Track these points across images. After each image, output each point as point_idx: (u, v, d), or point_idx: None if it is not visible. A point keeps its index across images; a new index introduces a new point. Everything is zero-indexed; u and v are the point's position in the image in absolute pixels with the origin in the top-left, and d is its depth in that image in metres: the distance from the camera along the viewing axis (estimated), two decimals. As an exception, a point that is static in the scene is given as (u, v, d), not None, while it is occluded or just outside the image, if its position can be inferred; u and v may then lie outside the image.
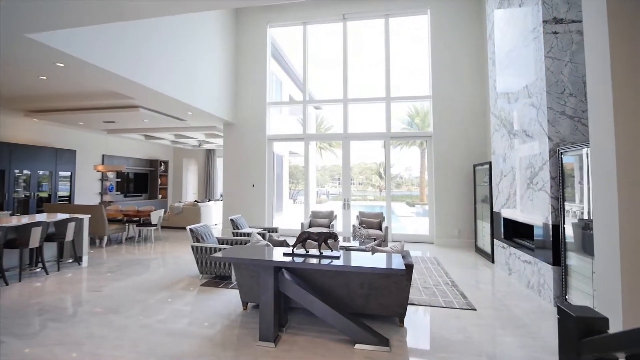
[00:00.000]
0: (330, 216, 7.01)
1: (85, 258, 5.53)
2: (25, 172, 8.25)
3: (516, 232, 4.92)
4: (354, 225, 6.29)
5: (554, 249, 3.66)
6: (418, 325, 3.17)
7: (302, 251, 3.00)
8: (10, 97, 6.08)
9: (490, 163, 5.66)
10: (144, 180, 12.92)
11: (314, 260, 2.77)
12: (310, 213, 7.24)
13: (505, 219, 5.05)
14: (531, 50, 4.13)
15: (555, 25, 3.81)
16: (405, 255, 3.22)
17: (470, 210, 6.91)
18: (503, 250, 5.09)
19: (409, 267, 2.95)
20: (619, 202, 1.99)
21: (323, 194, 28.16)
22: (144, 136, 11.12)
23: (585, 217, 3.21)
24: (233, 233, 5.77)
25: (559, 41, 3.79)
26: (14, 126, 8.08)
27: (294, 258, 2.84)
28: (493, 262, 5.56)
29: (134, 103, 6.41)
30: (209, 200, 10.59)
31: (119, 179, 11.63)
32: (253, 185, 8.14)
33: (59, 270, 5.03)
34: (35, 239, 4.65)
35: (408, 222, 13.44)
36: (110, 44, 4.45)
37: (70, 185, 9.44)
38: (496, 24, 5.39)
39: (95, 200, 10.68)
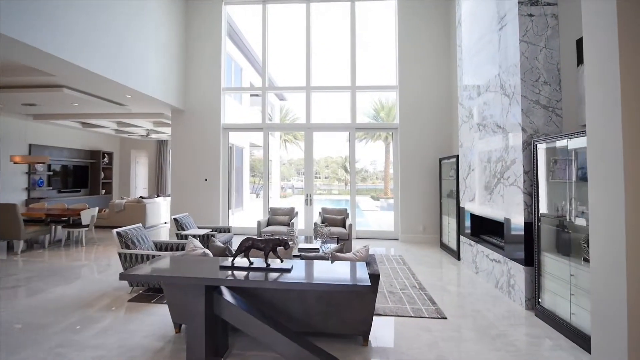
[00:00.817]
0: (291, 213, 6.46)
1: (-14, 269, 4.51)
2: None
3: (484, 229, 4.70)
4: (315, 224, 5.79)
5: (527, 249, 3.41)
6: (385, 343, 2.73)
7: (245, 262, 2.42)
8: None
9: (457, 156, 5.41)
10: (83, 174, 11.46)
11: (259, 275, 2.21)
12: (268, 210, 6.62)
13: (472, 215, 4.82)
14: (505, 35, 3.83)
15: (531, 7, 3.52)
16: (370, 262, 2.76)
17: (436, 205, 6.70)
18: (470, 248, 4.86)
19: (375, 278, 2.49)
20: (625, 202, 1.65)
21: (289, 188, 27.53)
22: (80, 124, 9.76)
23: (563, 215, 2.95)
24: (177, 235, 5.01)
25: (534, 24, 3.51)
26: None
27: (234, 273, 2.26)
28: (459, 259, 5.35)
29: (56, 82, 5.34)
30: (158, 196, 9.54)
31: (51, 173, 10.16)
32: (206, 180, 7.34)
33: (-56, 286, 4.00)
34: None
35: (373, 216, 13.25)
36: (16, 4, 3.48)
37: (-16, 180, 7.97)
38: (466, 9, 5.09)
39: (21, 197, 9.21)
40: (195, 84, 7.37)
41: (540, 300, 3.22)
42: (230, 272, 2.26)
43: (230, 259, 2.44)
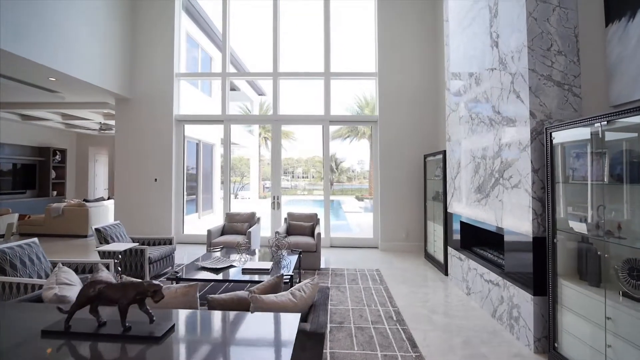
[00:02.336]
0: (251, 220, 5.48)
1: None
2: None
3: (477, 240, 3.86)
4: (277, 232, 4.84)
5: (536, 272, 2.55)
6: None
7: (88, 321, 1.44)
8: None
9: (444, 152, 4.56)
10: (30, 174, 10.17)
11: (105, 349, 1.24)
12: (225, 216, 5.62)
13: (463, 223, 3.96)
14: (504, -7, 2.97)
15: (540, -49, 2.67)
16: (317, 307, 1.84)
17: (420, 209, 5.85)
18: (459, 263, 4.01)
19: (318, 339, 1.57)
20: None
21: (266, 187, 26.45)
22: (19, 116, 8.51)
23: (589, 229, 2.10)
24: (99, 253, 3.95)
25: (544, -26, 2.66)
26: None
27: (70, 342, 1.29)
28: (447, 274, 4.50)
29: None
30: (108, 199, 8.40)
31: (-14, 172, 8.87)
32: (155, 180, 6.29)
33: None
34: None
35: (355, 218, 12.38)
36: None
37: None
38: (454, -26, 4.23)
39: (-56, 201, 7.91)
40: (144, 68, 6.30)
41: (556, 344, 2.36)
42: (62, 341, 1.30)
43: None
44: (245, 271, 3.36)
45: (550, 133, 2.40)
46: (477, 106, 3.57)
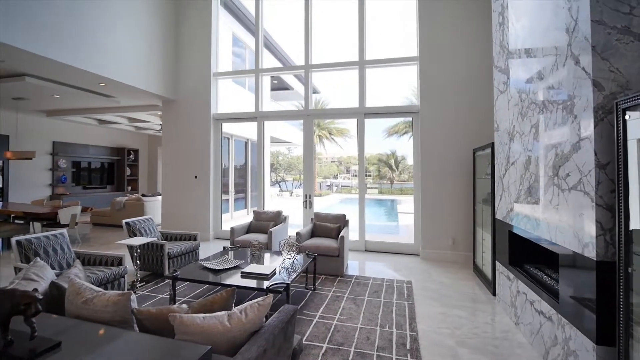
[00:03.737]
0: (277, 219, 5.27)
1: None
2: None
3: (531, 255, 3.02)
4: (297, 233, 4.54)
5: (601, 311, 1.78)
6: None
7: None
8: None
9: (492, 145, 3.72)
10: (109, 171, 11.64)
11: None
12: (253, 214, 5.51)
13: (511, 234, 3.15)
14: None
15: None
16: (259, 336, 1.46)
17: (469, 213, 4.98)
18: (508, 282, 3.20)
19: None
20: None
21: (327, 186, 26.42)
22: (97, 121, 9.73)
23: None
24: (130, 249, 4.10)
25: None
26: None
27: None
28: (494, 294, 3.67)
29: (15, 70, 4.87)
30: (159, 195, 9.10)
31: (75, 169, 10.37)
32: (195, 177, 6.51)
33: None
34: None
35: (408, 220, 11.44)
36: None
37: (3, 177, 8.18)
38: None
39: (45, 193, 9.46)
40: (185, 70, 6.57)
41: (629, 423, 1.59)
42: None
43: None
44: (244, 275, 3.13)
45: (624, 111, 1.62)
46: (526, 82, 2.75)
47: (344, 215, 4.99)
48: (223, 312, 1.52)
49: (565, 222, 2.11)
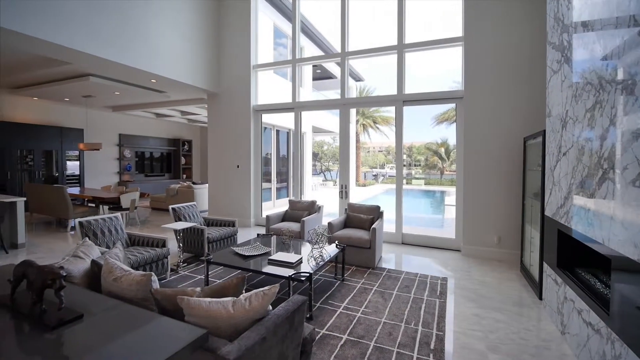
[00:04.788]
0: (311, 208, 5.31)
1: (24, 244, 4.92)
2: (28, 151, 8.23)
3: (582, 258, 2.67)
4: (329, 223, 4.54)
5: (656, 330, 1.51)
6: None
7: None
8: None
9: (544, 133, 3.31)
10: (167, 160, 12.70)
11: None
12: (288, 203, 5.62)
13: (561, 233, 2.80)
14: None
15: None
16: (261, 324, 1.49)
17: (517, 208, 4.54)
18: (555, 287, 2.88)
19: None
20: None
21: (373, 175, 25.99)
22: (154, 115, 10.63)
23: None
24: (175, 233, 4.47)
25: None
26: (16, 105, 8.02)
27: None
28: (541, 298, 3.33)
29: (80, 71, 5.48)
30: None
31: (138, 159, 11.50)
32: (238, 167, 6.82)
33: (-26, 259, 4.43)
34: None
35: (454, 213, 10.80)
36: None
37: (80, 165, 9.37)
38: None
39: (114, 180, 10.66)
40: (228, 64, 6.83)
41: None
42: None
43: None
44: (270, 262, 3.22)
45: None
46: (582, 60, 2.38)
47: (378, 207, 4.87)
48: (229, 298, 1.58)
49: (620, 223, 1.81)
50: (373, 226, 4.29)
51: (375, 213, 4.81)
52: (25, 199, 5.11)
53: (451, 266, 4.45)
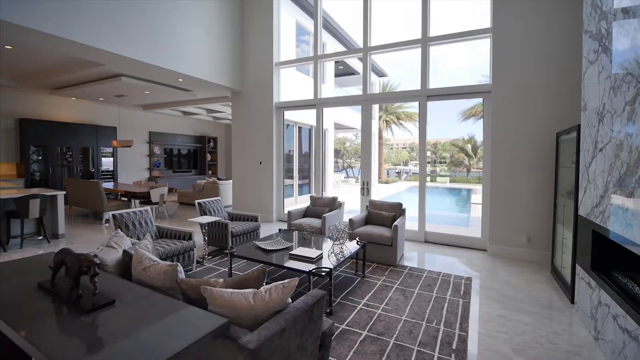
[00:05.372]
0: (332, 204, 5.33)
1: (64, 235, 5.28)
2: (67, 148, 8.79)
3: (619, 261, 2.51)
4: (350, 219, 4.53)
5: (702, 339, 1.40)
6: None
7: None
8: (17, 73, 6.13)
9: (578, 127, 3.13)
10: (193, 157, 13.13)
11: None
12: (310, 199, 5.66)
13: (596, 234, 2.64)
14: None
15: None
16: (280, 316, 1.52)
17: (549, 207, 4.32)
18: (588, 290, 2.73)
19: (247, 356, 1.28)
20: None
21: (396, 172, 25.59)
22: (181, 113, 11.00)
23: None
24: (200, 226, 4.62)
25: None
26: (56, 105, 8.58)
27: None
28: (573, 301, 3.17)
29: (113, 72, 5.77)
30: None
31: (166, 155, 11.96)
32: (260, 163, 6.95)
33: (21, 247, 4.80)
34: (-15, 216, 4.41)
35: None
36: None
37: (114, 161, 9.89)
38: None
39: (144, 175, 11.18)
40: (251, 62, 6.94)
41: None
42: (41, 293, 1.50)
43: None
44: (291, 256, 3.27)
45: None
46: (622, 48, 2.22)
47: (400, 204, 4.80)
48: (250, 289, 1.62)
49: (662, 223, 1.69)
50: (395, 223, 4.24)
51: (397, 210, 4.75)
52: (64, 192, 5.47)
53: (476, 266, 4.32)
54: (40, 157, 8.26)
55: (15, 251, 4.65)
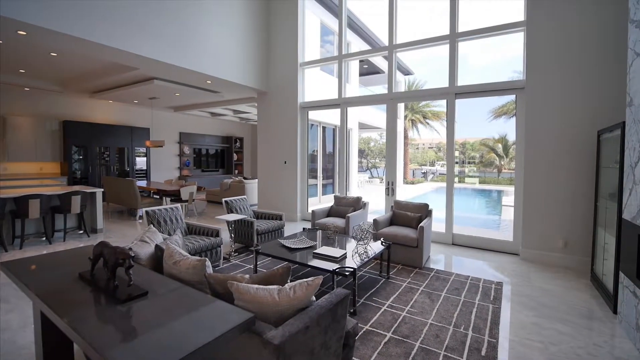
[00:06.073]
0: (356, 204, 5.29)
1: (102, 229, 5.62)
2: (105, 148, 9.33)
3: (670, 270, 2.31)
4: (375, 220, 4.48)
5: None
6: None
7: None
8: (61, 79, 6.58)
9: (623, 125, 2.91)
10: (220, 156, 13.51)
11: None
12: (334, 199, 5.65)
13: (643, 239, 2.45)
14: None
15: None
16: (305, 313, 1.53)
17: (588, 210, 4.05)
18: (633, 300, 2.53)
19: (272, 351, 1.30)
20: None
21: (422, 173, 25.01)
22: (209, 114, 11.35)
23: None
24: (227, 224, 4.74)
25: None
26: (95, 108, 9.13)
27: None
28: (615, 311, 2.95)
29: (147, 75, 6.05)
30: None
31: (195, 155, 12.39)
32: (285, 162, 7.03)
33: (64, 240, 5.15)
34: (34, 211, 4.76)
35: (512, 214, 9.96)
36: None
37: (147, 160, 10.38)
38: None
39: (174, 174, 11.64)
40: (276, 63, 7.04)
41: None
42: (82, 283, 1.60)
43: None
44: (315, 255, 3.28)
45: None
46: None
47: (427, 205, 4.68)
48: (275, 286, 1.64)
49: None
50: (421, 224, 4.14)
51: (424, 211, 4.64)
52: (102, 190, 5.80)
53: (508, 271, 4.13)
54: (80, 157, 8.82)
55: (60, 244, 4.99)
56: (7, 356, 2.22)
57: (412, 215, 4.60)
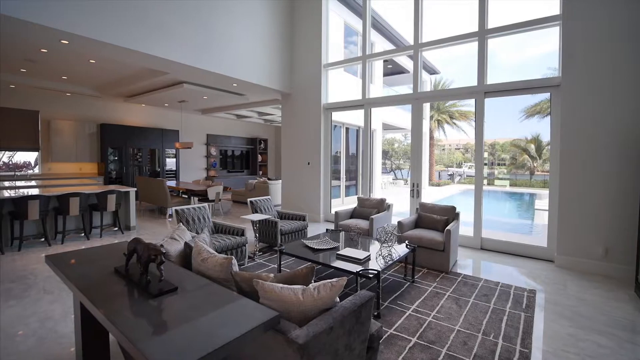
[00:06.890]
0: (380, 206, 5.22)
1: (135, 227, 5.91)
2: (138, 149, 9.80)
3: None
4: (399, 222, 4.40)
5: None
6: None
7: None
8: (99, 84, 7.00)
9: (674, 123, 2.68)
10: (245, 158, 13.81)
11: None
12: (357, 200, 5.61)
13: (698, 247, 2.24)
14: None
15: None
16: (329, 314, 1.53)
17: (633, 216, 3.77)
18: (687, 314, 2.32)
19: (296, 350, 1.31)
20: None
21: (448, 175, 24.30)
22: (235, 116, 11.63)
23: None
24: (252, 223, 4.83)
25: None
26: (129, 111, 9.62)
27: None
28: (665, 326, 2.72)
29: (176, 79, 6.30)
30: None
31: (221, 156, 12.74)
32: (308, 164, 7.07)
33: (101, 236, 5.45)
34: (74, 208, 5.08)
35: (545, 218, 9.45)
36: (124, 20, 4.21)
37: (176, 161, 10.80)
38: None
39: (202, 175, 12.03)
40: (300, 64, 7.11)
41: None
42: (117, 277, 1.69)
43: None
44: (339, 256, 3.27)
45: None
46: None
47: (454, 208, 4.54)
48: (299, 286, 1.65)
49: None
50: (447, 228, 4.02)
51: (450, 214, 4.50)
52: (136, 189, 6.10)
53: (541, 278, 3.92)
54: (115, 158, 9.33)
55: (96, 239, 5.30)
56: (49, 344, 2.38)
57: (439, 218, 4.48)
